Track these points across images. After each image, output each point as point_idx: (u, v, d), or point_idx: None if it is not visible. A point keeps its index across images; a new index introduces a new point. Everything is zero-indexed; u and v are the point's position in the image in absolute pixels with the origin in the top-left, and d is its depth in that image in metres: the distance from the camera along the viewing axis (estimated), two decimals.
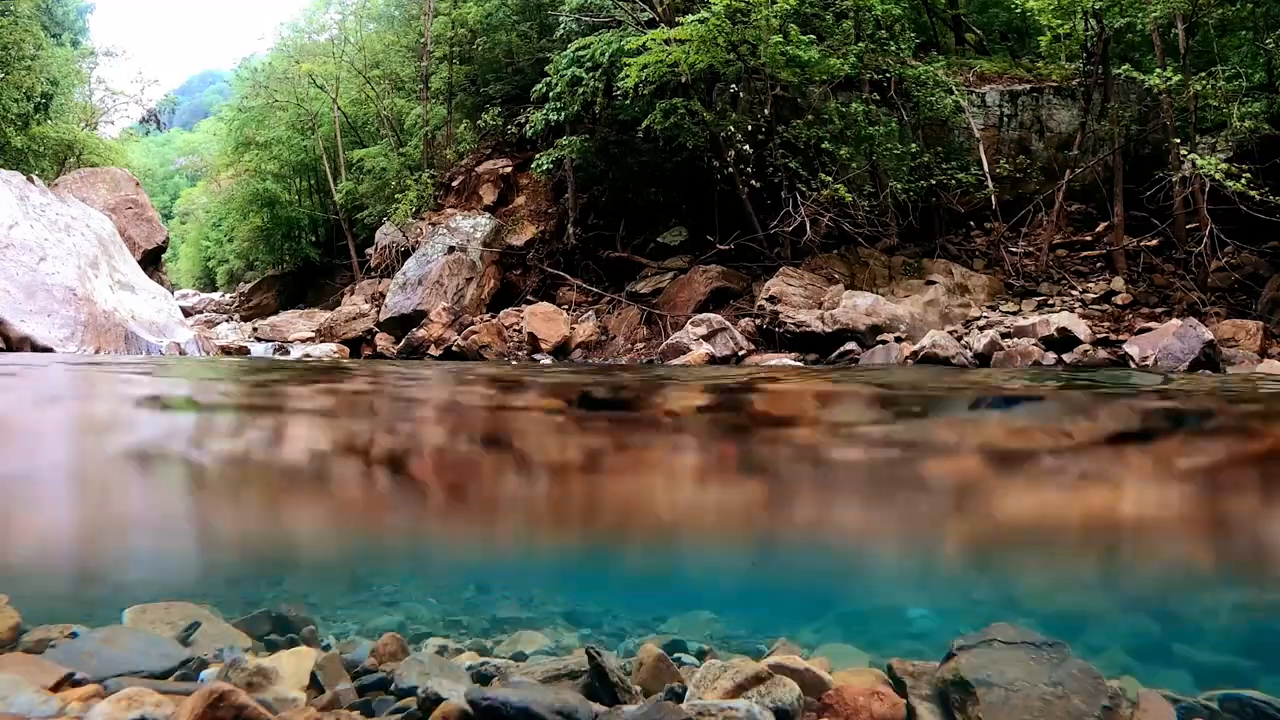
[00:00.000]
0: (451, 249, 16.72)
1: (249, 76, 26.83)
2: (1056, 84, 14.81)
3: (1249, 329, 10.36)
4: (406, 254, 17.75)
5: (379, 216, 20.34)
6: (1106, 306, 12.00)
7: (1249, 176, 10.43)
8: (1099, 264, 13.13)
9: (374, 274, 19.29)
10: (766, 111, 13.61)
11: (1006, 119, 14.89)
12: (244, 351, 13.92)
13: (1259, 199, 10.33)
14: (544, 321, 14.42)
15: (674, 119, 13.64)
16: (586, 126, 15.55)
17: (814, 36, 13.31)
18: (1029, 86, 15.03)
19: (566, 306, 15.71)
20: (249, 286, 28.55)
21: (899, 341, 11.54)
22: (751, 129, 13.66)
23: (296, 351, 14.72)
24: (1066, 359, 10.52)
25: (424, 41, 20.47)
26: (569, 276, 16.43)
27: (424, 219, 18.05)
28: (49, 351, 9.03)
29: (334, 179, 23.35)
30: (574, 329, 14.56)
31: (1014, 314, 12.16)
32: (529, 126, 15.88)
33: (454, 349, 14.37)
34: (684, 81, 13.59)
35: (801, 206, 13.04)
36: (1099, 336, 10.92)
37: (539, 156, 16.03)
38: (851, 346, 11.79)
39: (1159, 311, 11.61)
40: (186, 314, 16.81)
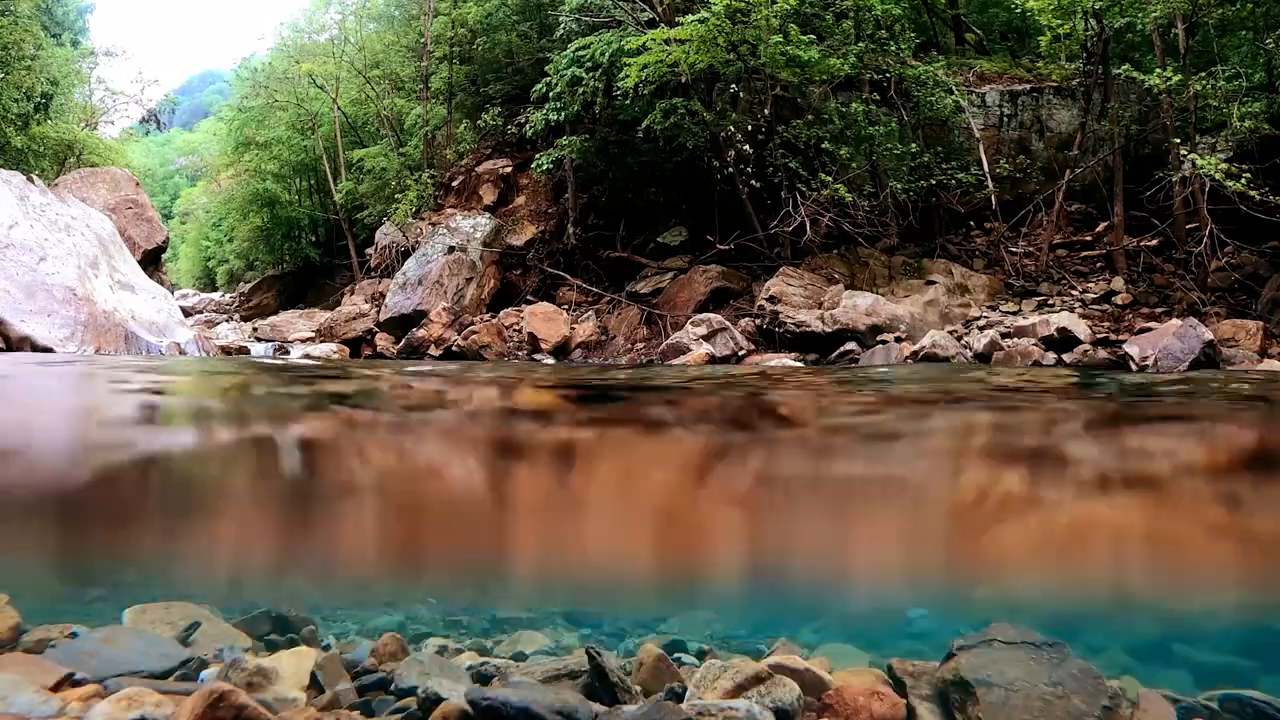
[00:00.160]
0: (451, 249, 16.71)
1: (249, 76, 26.81)
2: (1056, 84, 14.81)
3: (1249, 329, 10.35)
4: (406, 254, 17.74)
5: (379, 216, 20.32)
6: (1106, 306, 12.00)
7: (1249, 176, 10.42)
8: (1099, 264, 13.13)
9: (374, 274, 19.28)
10: (766, 111, 13.60)
11: (1006, 119, 14.89)
12: (244, 351, 13.91)
13: (1259, 199, 10.33)
14: (544, 321, 14.42)
15: (674, 119, 13.63)
16: (586, 126, 15.54)
17: (814, 36, 13.31)
18: (1029, 86, 15.02)
19: (566, 306, 15.70)
20: (249, 286, 28.53)
21: (899, 341, 11.54)
22: (751, 129, 13.65)
23: (296, 351, 14.71)
24: (1066, 359, 10.52)
25: (424, 41, 20.46)
26: (569, 276, 16.42)
27: (424, 219, 18.04)
28: (49, 352, 9.03)
29: (334, 179, 23.33)
30: (574, 329, 14.56)
31: (1014, 314, 12.16)
32: (529, 126, 15.88)
33: (454, 349, 14.36)
34: (684, 81, 13.59)
35: (801, 206, 13.03)
36: (1099, 336, 10.92)
37: (539, 156, 16.03)
38: (851, 346, 11.79)
39: (1159, 311, 11.60)
40: (186, 314, 16.79)
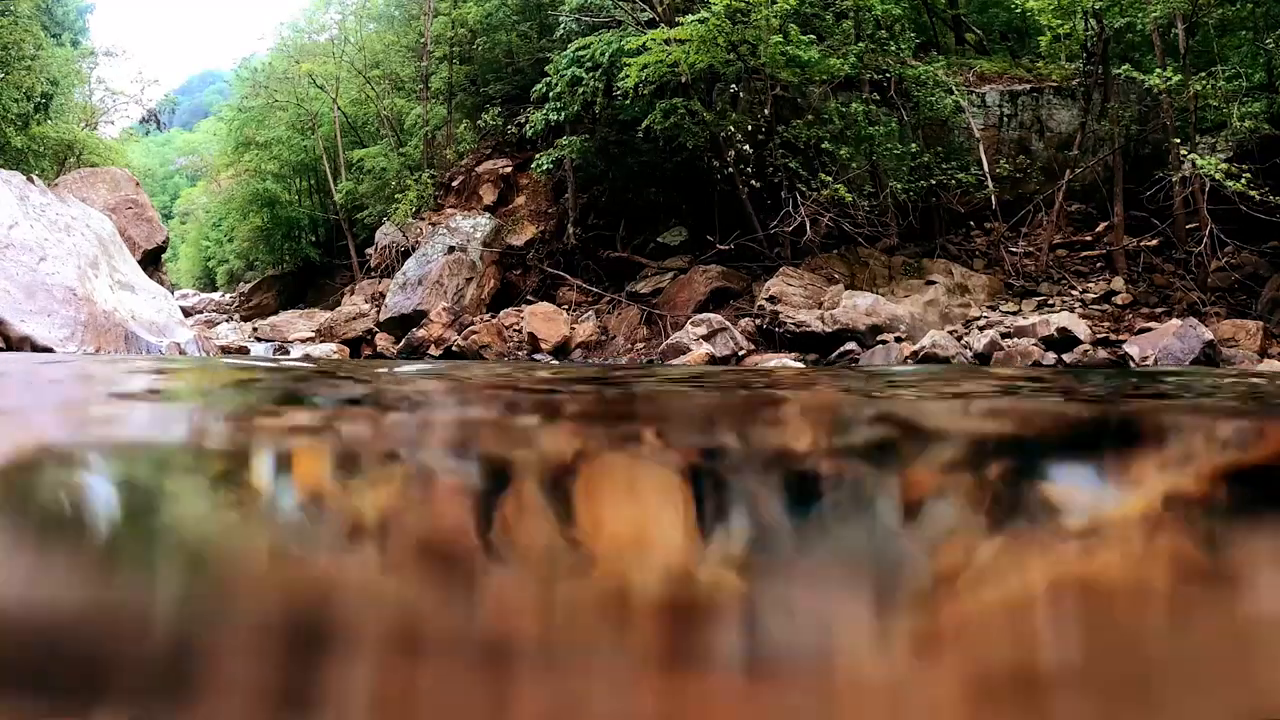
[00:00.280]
0: (451, 249, 16.71)
1: (249, 76, 26.78)
2: (1056, 84, 14.80)
3: (1249, 329, 10.35)
4: (406, 254, 17.73)
5: (379, 216, 20.31)
6: (1106, 306, 12.00)
7: (1249, 176, 10.42)
8: (1099, 264, 13.13)
9: (374, 274, 19.28)
10: (766, 111, 13.60)
11: (1006, 119, 14.89)
12: (244, 351, 13.91)
13: (1259, 199, 10.32)
14: (544, 321, 14.42)
15: (674, 119, 13.63)
16: (586, 126, 15.54)
17: (814, 36, 13.30)
18: (1029, 86, 15.02)
19: (566, 306, 15.70)
20: (249, 286, 28.53)
21: (899, 341, 11.54)
22: (751, 129, 13.65)
23: (296, 351, 14.70)
24: (1066, 359, 10.52)
25: (424, 41, 20.45)
26: (569, 276, 16.42)
27: (424, 219, 18.04)
28: (49, 351, 9.03)
29: (334, 179, 23.32)
30: (574, 329, 14.56)
31: (1014, 314, 12.16)
32: (529, 126, 15.87)
33: (454, 349, 14.37)
34: (684, 81, 13.58)
35: (801, 206, 13.03)
36: (1099, 336, 10.92)
37: (539, 156, 16.02)
38: (851, 346, 11.79)
39: (1159, 311, 11.60)
40: (186, 314, 16.79)
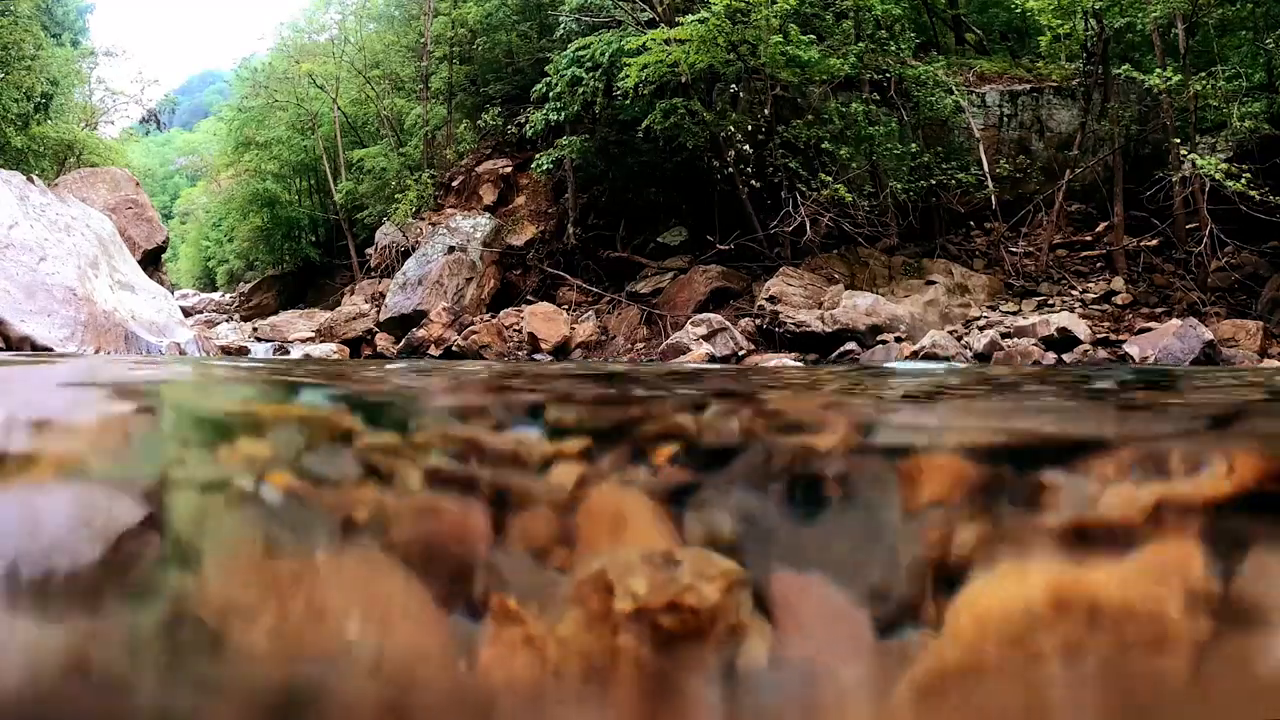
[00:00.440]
0: (451, 249, 16.71)
1: (249, 76, 26.78)
2: (1056, 84, 14.80)
3: (1249, 329, 10.35)
4: (406, 254, 17.73)
5: (379, 216, 20.31)
6: (1106, 306, 12.00)
7: (1249, 176, 10.42)
8: (1099, 264, 13.13)
9: (374, 274, 19.28)
10: (766, 111, 13.60)
11: (1006, 119, 14.89)
12: (244, 351, 13.90)
13: (1259, 199, 10.33)
14: (544, 321, 14.41)
15: (674, 119, 13.63)
16: (586, 126, 15.54)
17: (814, 36, 13.30)
18: (1029, 86, 15.02)
19: (566, 306, 15.70)
20: (249, 286, 28.52)
21: (899, 341, 11.54)
22: (751, 129, 13.65)
23: (296, 351, 14.70)
24: (1066, 359, 10.52)
25: (424, 41, 20.45)
26: (569, 276, 16.42)
27: (424, 219, 18.04)
28: (49, 351, 9.03)
29: (334, 179, 23.31)
30: (574, 329, 14.56)
31: (1014, 314, 12.16)
32: (529, 126, 15.87)
33: (454, 349, 14.37)
34: (684, 81, 13.58)
35: (801, 206, 13.03)
36: (1099, 336, 10.92)
37: (539, 156, 16.02)
38: (851, 346, 11.79)
39: (1159, 311, 11.60)
40: (186, 314, 16.78)
